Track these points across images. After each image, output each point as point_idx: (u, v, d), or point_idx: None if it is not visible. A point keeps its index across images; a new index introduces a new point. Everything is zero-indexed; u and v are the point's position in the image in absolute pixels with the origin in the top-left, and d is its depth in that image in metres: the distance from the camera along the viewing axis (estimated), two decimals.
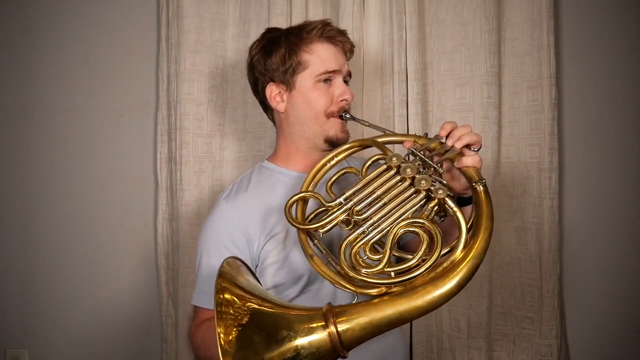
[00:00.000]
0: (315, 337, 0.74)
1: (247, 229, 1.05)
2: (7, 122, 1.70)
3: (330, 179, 1.01)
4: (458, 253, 0.79)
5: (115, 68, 1.72)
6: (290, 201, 0.92)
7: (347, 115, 1.11)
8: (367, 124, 1.11)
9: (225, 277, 0.78)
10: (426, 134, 1.00)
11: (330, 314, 0.76)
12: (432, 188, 0.85)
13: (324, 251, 0.89)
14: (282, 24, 1.59)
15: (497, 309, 1.64)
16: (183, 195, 1.62)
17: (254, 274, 0.91)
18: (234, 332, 0.72)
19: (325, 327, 0.74)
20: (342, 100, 1.10)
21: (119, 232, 1.73)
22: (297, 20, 1.60)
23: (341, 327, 0.74)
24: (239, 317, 0.74)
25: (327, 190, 1.00)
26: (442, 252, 0.80)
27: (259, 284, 0.87)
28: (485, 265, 1.59)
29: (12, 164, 1.70)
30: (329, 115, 1.10)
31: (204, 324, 1.03)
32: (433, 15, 1.65)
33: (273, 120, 1.20)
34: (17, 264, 1.70)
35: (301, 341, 0.73)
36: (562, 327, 1.60)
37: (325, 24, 1.11)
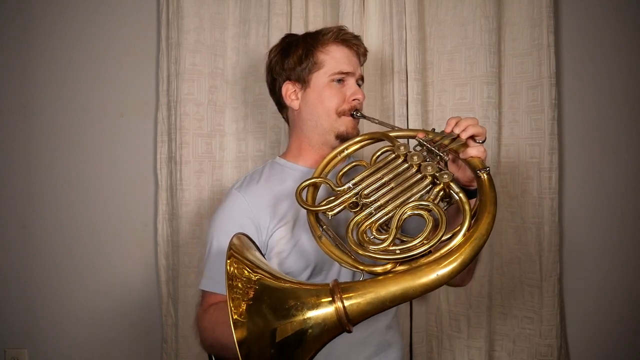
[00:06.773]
0: (322, 311, 0.76)
1: (257, 218, 1.09)
2: (7, 122, 1.70)
3: (341, 170, 1.05)
4: (461, 236, 0.80)
5: (115, 68, 1.72)
6: (302, 185, 0.96)
7: (358, 114, 1.16)
8: (376, 121, 1.15)
9: (236, 250, 0.81)
10: (433, 129, 1.04)
11: (337, 289, 0.78)
12: (437, 174, 0.88)
13: (332, 235, 0.92)
14: (282, 24, 1.59)
15: (497, 309, 1.64)
16: (183, 195, 1.62)
17: (261, 252, 0.93)
18: (243, 305, 0.75)
19: (332, 302, 0.77)
20: (353, 100, 1.16)
21: (119, 232, 1.73)
22: (297, 20, 1.61)
23: (347, 302, 0.77)
24: (250, 290, 0.77)
25: (337, 181, 1.02)
26: (444, 237, 0.81)
27: (267, 261, 0.90)
28: (485, 265, 1.59)
29: (12, 164, 1.70)
30: (341, 114, 1.15)
31: (211, 307, 1.05)
32: (433, 15, 1.65)
33: (287, 120, 1.24)
34: (17, 264, 1.70)
35: (309, 314, 0.76)
36: (562, 327, 1.60)
37: (340, 28, 1.18)
